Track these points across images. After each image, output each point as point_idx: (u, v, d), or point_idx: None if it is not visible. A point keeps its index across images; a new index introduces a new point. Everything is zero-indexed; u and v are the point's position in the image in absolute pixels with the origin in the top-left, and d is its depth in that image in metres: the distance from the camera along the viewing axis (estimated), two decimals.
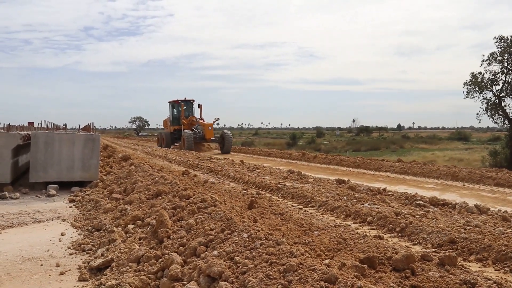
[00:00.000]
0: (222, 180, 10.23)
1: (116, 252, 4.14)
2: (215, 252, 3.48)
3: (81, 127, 13.09)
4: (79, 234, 5.34)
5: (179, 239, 4.10)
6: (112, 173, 10.43)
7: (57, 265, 4.16)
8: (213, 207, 4.94)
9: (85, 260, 4.29)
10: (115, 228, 4.98)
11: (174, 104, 29.35)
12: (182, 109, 28.19)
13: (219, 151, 25.58)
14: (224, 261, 3.24)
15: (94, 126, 11.61)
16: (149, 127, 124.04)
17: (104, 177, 9.73)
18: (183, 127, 27.45)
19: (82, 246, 4.73)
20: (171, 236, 4.27)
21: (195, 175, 9.97)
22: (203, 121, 26.64)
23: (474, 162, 30.02)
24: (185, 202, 5.40)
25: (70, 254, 4.53)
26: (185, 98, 28.85)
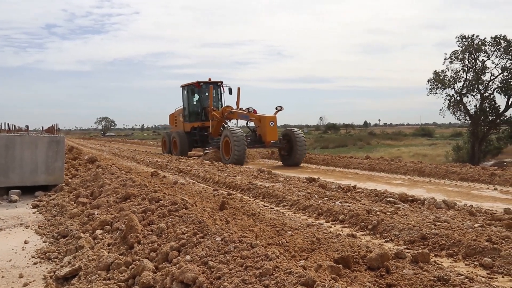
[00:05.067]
0: (192, 180, 10.09)
1: (83, 259, 3.97)
2: (188, 257, 3.39)
3: (44, 129, 12.63)
4: (44, 242, 5.10)
5: (150, 244, 3.98)
6: (78, 176, 10.09)
7: (21, 276, 3.94)
8: (184, 209, 4.84)
9: (51, 269, 4.09)
10: (82, 234, 4.79)
11: (192, 88, 19.19)
12: (211, 94, 18.03)
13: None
14: (197, 266, 3.16)
15: (58, 128, 11.22)
16: (116, 127, 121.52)
17: (69, 180, 9.40)
18: (213, 122, 17.79)
19: (47, 254, 4.51)
20: (142, 241, 4.15)
21: (164, 176, 9.79)
22: (255, 112, 15.56)
23: (438, 157, 30.98)
24: (155, 205, 5.26)
25: (35, 264, 4.31)
26: (209, 80, 19.01)
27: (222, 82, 18.99)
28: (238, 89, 18.64)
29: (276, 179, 9.50)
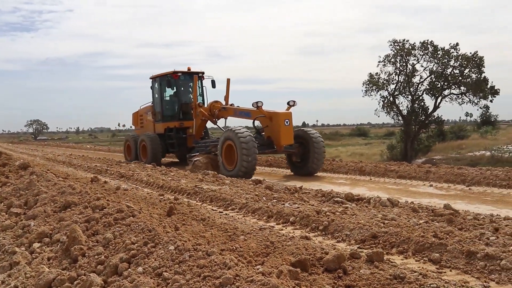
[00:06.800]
0: (135, 186, 9.71)
1: (20, 277, 3.63)
2: (140, 269, 3.20)
3: None
4: None
5: (97, 257, 3.73)
6: (9, 184, 9.33)
7: None
8: (131, 217, 4.60)
9: None
10: (17, 249, 4.38)
11: (167, 80, 15.37)
12: (195, 86, 14.48)
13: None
14: (151, 278, 2.99)
15: None
16: (49, 130, 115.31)
17: None
18: (197, 121, 14.36)
19: None
20: (87, 254, 3.87)
21: (105, 182, 9.32)
22: (260, 106, 11.89)
23: (374, 156, 32.38)
24: (99, 214, 4.96)
25: None
26: (189, 69, 15.58)
27: (203, 73, 15.63)
28: (228, 80, 14.48)
29: (222, 182, 9.39)
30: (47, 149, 33.91)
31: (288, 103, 12.14)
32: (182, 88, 15.98)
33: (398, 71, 29.49)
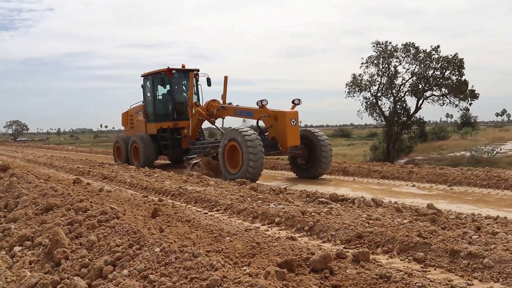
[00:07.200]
0: (118, 187, 9.60)
1: (1, 282, 3.54)
2: (125, 272, 3.16)
3: None
4: None
5: (80, 260, 3.66)
6: None
7: None
8: (116, 219, 4.54)
9: None
10: None
11: (161, 78, 14.61)
12: (191, 84, 14.11)
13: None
14: (137, 281, 2.95)
15: None
16: (29, 131, 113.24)
17: None
18: (194, 121, 13.71)
19: None
20: (70, 257, 3.80)
21: (88, 184, 9.20)
22: (264, 105, 11.17)
23: (357, 156, 32.64)
24: (82, 216, 4.88)
25: None
26: (183, 66, 14.94)
27: (198, 70, 14.78)
28: (225, 78, 13.77)
29: (207, 183, 9.34)
30: (27, 150, 33.26)
31: (293, 102, 11.44)
32: (176, 87, 15.22)
33: (380, 73, 29.79)
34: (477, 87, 32.44)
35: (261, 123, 11.53)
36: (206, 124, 14.48)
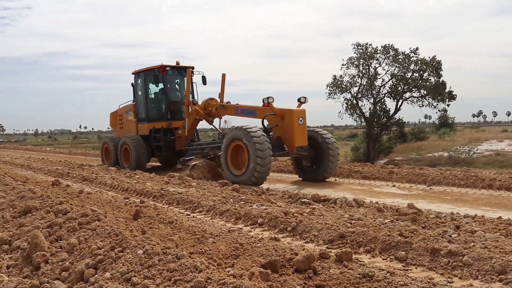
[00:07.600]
0: (99, 189, 9.46)
1: None
2: (108, 275, 3.11)
3: None
4: None
5: (61, 263, 3.60)
6: None
7: None
8: (97, 221, 4.47)
9: None
10: None
11: (154, 75, 13.58)
12: (189, 82, 13.32)
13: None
14: (119, 283, 2.92)
15: None
16: (5, 132, 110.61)
17: None
18: (190, 121, 12.98)
19: None
20: (50, 260, 3.73)
21: (67, 185, 9.04)
22: (270, 102, 10.28)
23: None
24: (62, 219, 4.79)
25: None
26: (177, 63, 14.15)
27: (193, 68, 13.95)
28: (223, 76, 12.91)
29: (188, 184, 9.29)
30: (3, 151, 32.48)
31: (299, 100, 10.71)
32: (169, 85, 14.34)
33: (361, 74, 30.16)
34: (455, 89, 33.03)
35: (265, 122, 10.75)
36: (199, 125, 13.82)
